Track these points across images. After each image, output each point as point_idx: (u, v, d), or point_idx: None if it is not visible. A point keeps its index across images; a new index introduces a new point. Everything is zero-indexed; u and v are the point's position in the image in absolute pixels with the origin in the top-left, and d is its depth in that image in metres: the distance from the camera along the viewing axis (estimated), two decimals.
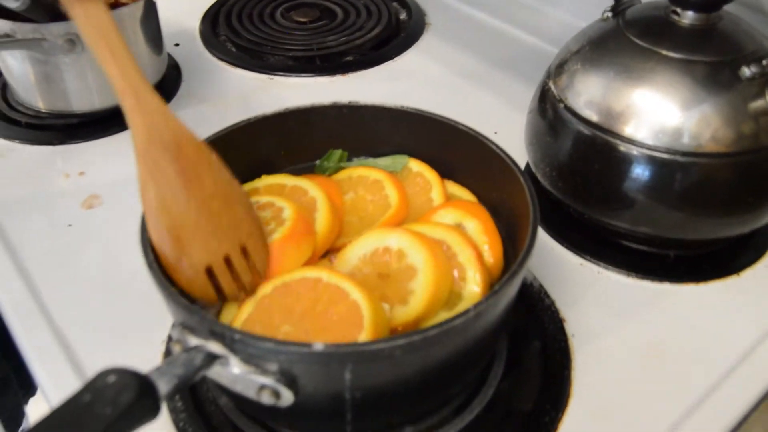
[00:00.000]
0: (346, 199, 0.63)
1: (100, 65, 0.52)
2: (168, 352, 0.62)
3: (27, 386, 1.11)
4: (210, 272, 0.53)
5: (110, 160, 0.84)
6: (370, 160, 0.66)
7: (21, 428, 1.11)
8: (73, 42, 0.81)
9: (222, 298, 0.54)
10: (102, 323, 0.65)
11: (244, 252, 0.54)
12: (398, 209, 0.61)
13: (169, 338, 0.63)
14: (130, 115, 0.52)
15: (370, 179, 0.63)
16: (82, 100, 0.87)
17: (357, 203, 0.63)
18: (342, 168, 0.66)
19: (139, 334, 0.64)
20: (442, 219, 0.60)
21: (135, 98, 0.52)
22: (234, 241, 0.54)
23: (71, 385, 0.59)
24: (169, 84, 0.96)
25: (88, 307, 0.67)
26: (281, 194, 0.61)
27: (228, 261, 0.53)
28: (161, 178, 0.52)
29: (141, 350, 0.62)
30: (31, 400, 1.13)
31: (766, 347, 0.63)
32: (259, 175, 0.64)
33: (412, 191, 0.64)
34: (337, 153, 0.66)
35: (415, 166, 0.65)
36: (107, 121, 0.89)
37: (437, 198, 0.63)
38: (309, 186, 0.61)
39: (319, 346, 0.42)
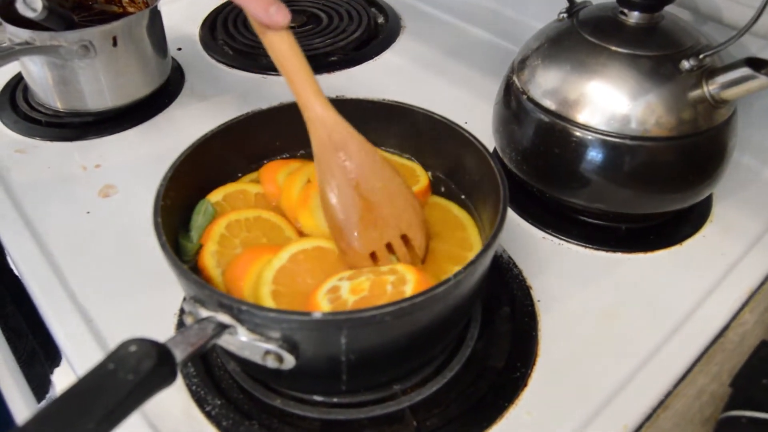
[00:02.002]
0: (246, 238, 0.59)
1: (287, 83, 0.54)
2: (181, 324, 0.61)
3: (52, 358, 1.10)
4: (374, 256, 0.55)
5: (123, 153, 0.83)
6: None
7: (48, 395, 1.10)
8: (87, 48, 0.80)
9: None
10: (120, 299, 0.65)
11: (405, 239, 0.56)
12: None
13: (182, 311, 0.62)
14: (310, 124, 0.54)
15: (260, 218, 0.61)
16: (97, 99, 0.86)
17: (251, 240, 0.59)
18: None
19: (154, 308, 0.63)
20: None
21: (313, 111, 0.54)
22: (395, 230, 0.55)
23: (94, 355, 0.59)
24: (173, 84, 0.95)
25: (107, 285, 0.66)
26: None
27: (390, 247, 0.55)
28: (335, 176, 0.54)
29: (156, 323, 0.62)
30: (56, 371, 1.12)
31: (706, 307, 0.64)
32: (259, 162, 0.64)
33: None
34: (204, 203, 0.60)
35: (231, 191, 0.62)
36: (119, 119, 0.88)
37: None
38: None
39: (317, 314, 0.42)
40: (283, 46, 0.53)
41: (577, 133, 0.64)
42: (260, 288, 0.51)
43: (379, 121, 0.64)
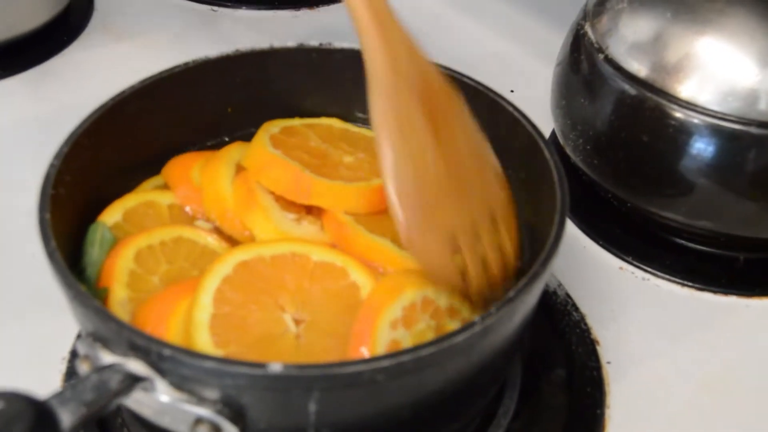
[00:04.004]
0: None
1: None
2: (72, 373, 0.62)
3: None
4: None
5: None
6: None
7: None
8: None
9: (464, 283, 0.54)
10: None
11: (494, 225, 0.56)
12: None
13: (74, 353, 0.63)
14: (372, 43, 0.53)
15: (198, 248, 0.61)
16: None
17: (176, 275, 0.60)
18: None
19: (33, 348, 0.64)
20: None
21: (379, 24, 0.53)
22: (484, 209, 0.55)
23: None
24: (75, 15, 0.96)
25: None
26: None
27: (476, 235, 0.55)
28: (408, 126, 0.53)
29: (35, 369, 0.62)
30: None
31: None
32: (195, 142, 0.65)
33: None
34: (98, 228, 0.59)
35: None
36: None
37: None
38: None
39: (276, 366, 0.42)
40: None
41: (678, 114, 0.65)
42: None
43: None
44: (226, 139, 0.66)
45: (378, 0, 0.53)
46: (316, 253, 0.56)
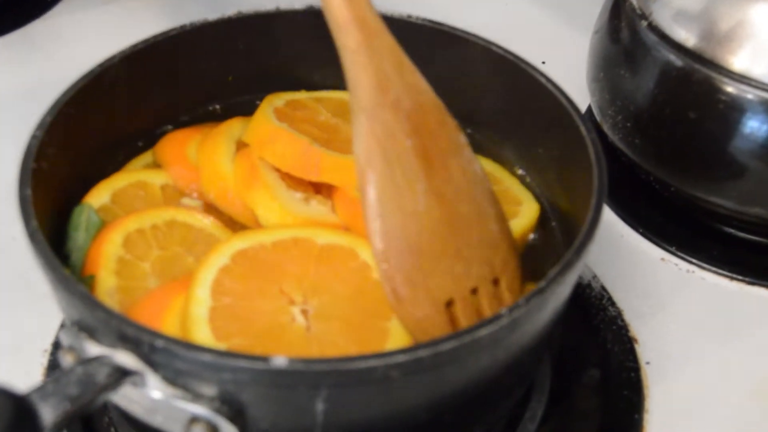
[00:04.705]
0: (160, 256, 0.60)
1: None
2: (54, 366, 0.62)
3: None
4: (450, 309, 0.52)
5: None
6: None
7: None
8: None
9: None
10: None
11: (496, 286, 0.53)
12: None
13: (57, 345, 0.63)
14: (355, 56, 0.51)
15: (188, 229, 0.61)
16: None
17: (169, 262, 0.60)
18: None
19: (13, 338, 0.64)
20: None
21: (364, 33, 0.50)
22: (486, 267, 0.53)
23: None
24: None
25: None
26: None
27: (474, 295, 0.52)
28: (393, 154, 0.50)
29: (15, 361, 0.63)
30: None
31: None
32: (191, 114, 0.65)
33: None
34: (83, 211, 0.60)
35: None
36: None
37: None
38: None
39: (280, 361, 0.42)
40: None
41: (729, 88, 0.65)
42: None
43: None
44: (217, 107, 0.67)
45: (364, 6, 0.50)
46: (320, 235, 0.56)
